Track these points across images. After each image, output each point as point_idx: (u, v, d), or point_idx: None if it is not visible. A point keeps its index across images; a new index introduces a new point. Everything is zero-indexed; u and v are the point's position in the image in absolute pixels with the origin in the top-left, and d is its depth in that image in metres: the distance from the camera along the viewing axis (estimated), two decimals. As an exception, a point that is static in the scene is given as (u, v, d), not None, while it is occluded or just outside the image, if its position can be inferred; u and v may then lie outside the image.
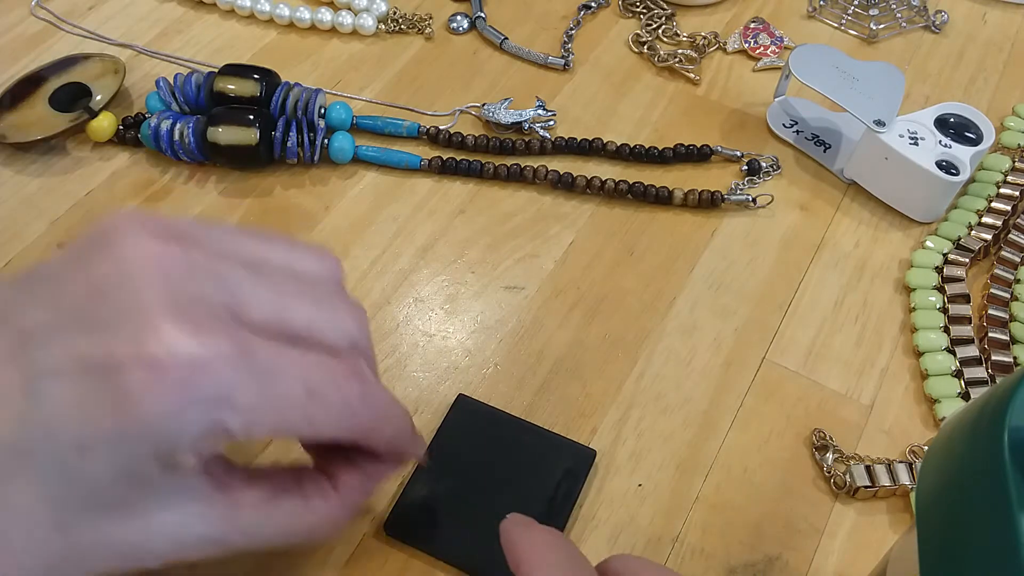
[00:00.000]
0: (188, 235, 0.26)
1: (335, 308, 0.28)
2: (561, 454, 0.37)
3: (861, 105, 0.45)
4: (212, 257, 0.25)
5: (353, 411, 0.27)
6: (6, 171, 0.46)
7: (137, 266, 0.24)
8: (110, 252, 0.24)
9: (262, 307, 0.25)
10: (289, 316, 0.26)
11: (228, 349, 0.24)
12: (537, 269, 0.44)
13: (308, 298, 0.27)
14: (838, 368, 0.41)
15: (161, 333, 0.23)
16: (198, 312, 0.24)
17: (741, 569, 0.35)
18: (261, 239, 0.28)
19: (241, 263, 0.26)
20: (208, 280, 0.25)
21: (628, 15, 0.56)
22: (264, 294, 0.26)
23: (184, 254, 0.25)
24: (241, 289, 0.25)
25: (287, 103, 0.46)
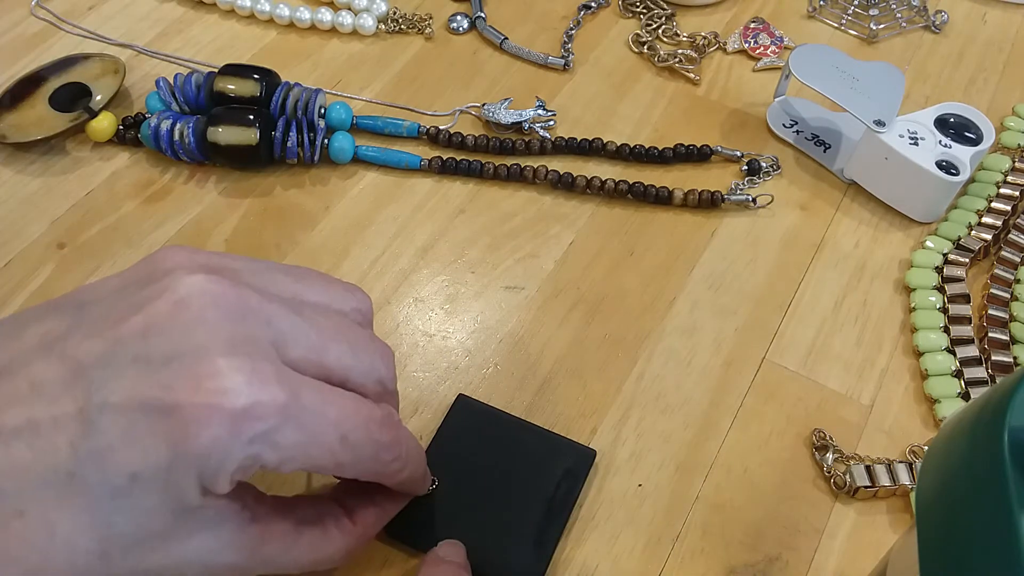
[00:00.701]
0: (236, 273, 0.27)
1: (367, 349, 0.29)
2: (561, 454, 0.37)
3: (861, 105, 0.45)
4: (261, 296, 0.26)
5: (379, 458, 0.28)
6: (6, 171, 0.46)
7: (195, 306, 0.25)
8: (166, 289, 0.25)
9: (303, 346, 0.27)
10: (327, 356, 0.27)
11: (278, 393, 0.25)
12: (537, 269, 0.44)
13: (343, 338, 0.28)
14: (838, 368, 0.41)
15: (219, 375, 0.24)
16: (251, 352, 0.25)
17: (741, 569, 0.35)
18: (299, 276, 0.29)
19: (285, 303, 0.27)
20: (258, 319, 0.26)
21: (628, 15, 0.56)
22: (305, 334, 0.27)
23: (237, 294, 0.26)
24: (286, 328, 0.26)
25: (287, 103, 0.46)
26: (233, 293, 0.26)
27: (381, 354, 0.30)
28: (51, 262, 0.43)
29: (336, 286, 0.30)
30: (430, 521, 0.35)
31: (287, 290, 0.28)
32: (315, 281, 0.30)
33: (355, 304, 0.30)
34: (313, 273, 0.30)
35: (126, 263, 0.43)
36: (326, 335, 0.27)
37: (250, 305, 0.26)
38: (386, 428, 0.28)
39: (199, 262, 0.27)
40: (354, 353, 0.28)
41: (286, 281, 0.29)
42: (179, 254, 0.27)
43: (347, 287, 0.31)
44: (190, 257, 0.27)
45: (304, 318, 0.27)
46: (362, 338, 0.29)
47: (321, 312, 0.28)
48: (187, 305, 0.25)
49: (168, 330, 0.24)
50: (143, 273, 0.27)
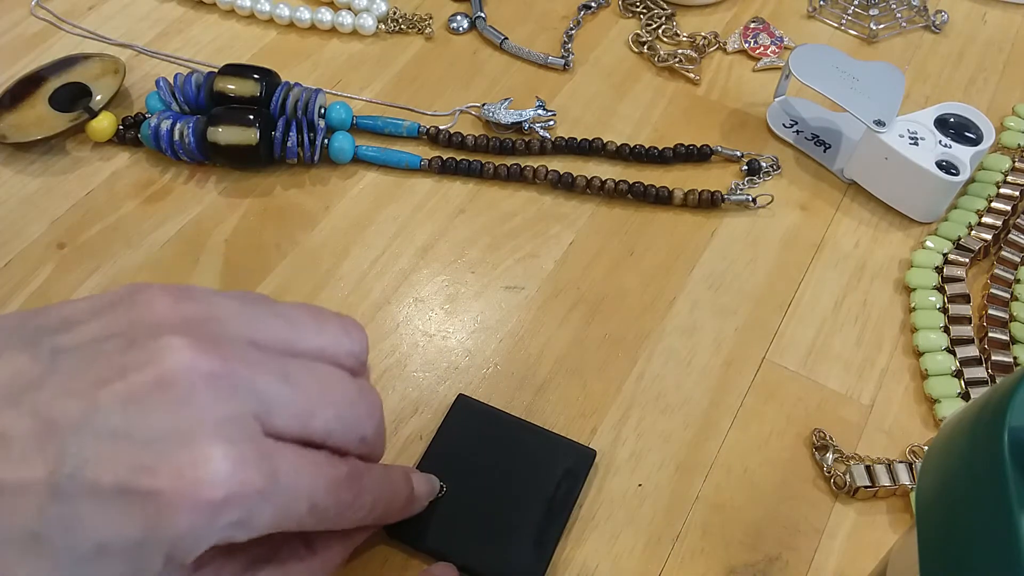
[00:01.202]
0: (224, 336, 0.26)
1: (354, 409, 0.28)
2: (561, 454, 0.37)
3: (861, 105, 0.45)
4: (249, 366, 0.25)
5: (341, 515, 0.28)
6: (6, 171, 0.46)
7: (181, 385, 0.24)
8: (151, 361, 0.24)
9: (288, 414, 0.26)
10: (311, 423, 0.27)
11: (258, 479, 0.24)
12: (537, 269, 0.44)
13: (331, 402, 0.28)
14: (838, 368, 0.41)
15: (202, 462, 0.23)
16: (235, 434, 0.24)
17: (741, 569, 0.35)
18: (292, 320, 0.28)
19: (274, 365, 0.26)
20: (245, 393, 0.25)
21: (628, 15, 0.56)
22: (292, 401, 0.26)
23: (225, 369, 0.25)
24: (272, 397, 0.26)
25: (287, 103, 0.46)
26: (221, 369, 0.25)
27: (369, 411, 0.29)
28: (51, 262, 0.43)
29: (331, 327, 0.29)
30: (430, 521, 0.35)
31: (279, 338, 0.27)
32: (309, 324, 0.29)
33: (349, 347, 0.29)
34: (306, 313, 0.29)
35: (126, 263, 0.43)
36: (313, 400, 0.27)
37: (237, 379, 0.25)
38: (351, 486, 0.28)
39: (185, 315, 0.26)
40: (340, 417, 0.28)
41: (278, 327, 0.28)
42: (163, 302, 0.26)
43: (343, 326, 0.30)
44: (175, 308, 0.26)
45: (292, 385, 0.26)
46: (350, 396, 0.28)
47: (311, 369, 0.27)
48: (173, 383, 0.24)
49: (151, 407, 0.23)
50: (124, 322, 0.25)
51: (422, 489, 0.34)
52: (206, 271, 0.43)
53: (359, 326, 0.30)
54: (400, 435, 0.38)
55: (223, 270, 0.43)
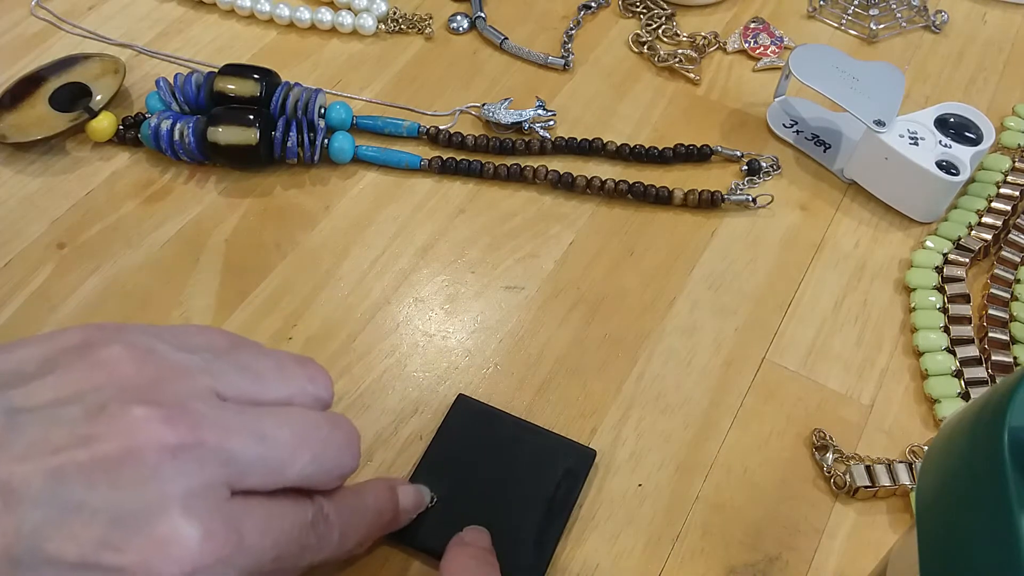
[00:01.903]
0: (191, 399, 0.25)
1: (330, 450, 0.28)
2: (561, 454, 0.37)
3: (861, 105, 0.45)
4: (218, 431, 0.25)
5: (303, 556, 0.28)
6: (6, 171, 0.46)
7: (149, 460, 0.23)
8: (117, 432, 0.23)
9: (260, 474, 0.26)
10: (287, 474, 0.27)
11: (225, 548, 0.24)
12: (537, 269, 0.44)
13: (307, 448, 0.27)
14: (838, 368, 0.41)
15: (170, 540, 0.23)
16: (204, 507, 0.24)
17: (741, 569, 0.35)
18: (257, 375, 0.28)
19: (244, 423, 0.26)
20: (215, 462, 0.24)
21: (628, 15, 0.56)
22: (264, 462, 0.26)
23: (194, 440, 0.24)
24: (243, 462, 0.25)
25: (287, 103, 0.46)
26: (189, 439, 0.24)
27: (344, 445, 0.29)
28: (51, 262, 0.43)
29: (295, 376, 0.29)
30: (430, 521, 0.35)
31: (246, 393, 0.27)
32: (273, 375, 0.28)
33: (315, 393, 0.29)
34: (271, 365, 0.29)
35: (126, 263, 0.43)
36: (287, 452, 0.26)
37: (206, 449, 0.24)
38: (315, 529, 0.28)
39: (150, 377, 0.25)
40: (317, 459, 0.27)
41: (243, 383, 0.27)
42: (126, 364, 0.25)
43: (307, 373, 0.29)
44: (139, 370, 0.25)
45: (264, 441, 0.26)
46: (323, 436, 0.28)
47: (282, 418, 0.27)
48: (139, 457, 0.23)
49: (117, 481, 0.23)
50: (86, 384, 0.24)
51: (408, 502, 0.33)
52: (206, 271, 0.43)
53: (323, 371, 0.30)
54: (400, 435, 0.38)
55: (223, 270, 0.43)
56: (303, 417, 0.28)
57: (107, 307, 0.41)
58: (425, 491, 0.35)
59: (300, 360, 0.30)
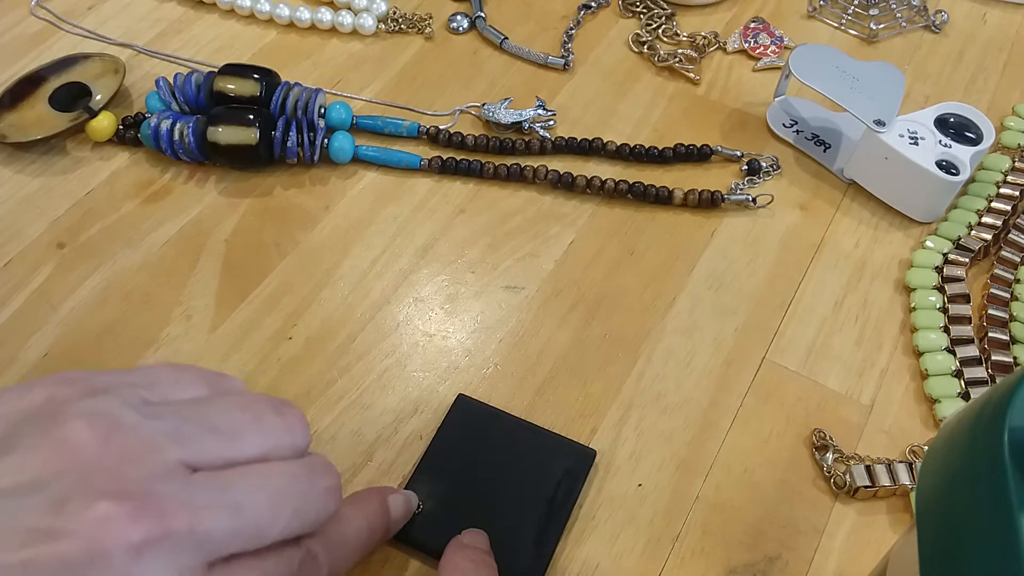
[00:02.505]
0: (159, 480, 0.24)
1: (312, 501, 0.27)
2: (561, 454, 0.37)
3: (861, 105, 0.45)
4: (190, 512, 0.24)
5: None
6: (6, 171, 0.46)
7: (115, 557, 0.22)
8: (82, 528, 0.22)
9: (240, 543, 0.25)
10: (267, 536, 0.26)
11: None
12: (537, 269, 0.44)
13: (288, 506, 0.26)
14: (838, 368, 0.41)
15: None
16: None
17: (741, 569, 0.35)
18: (231, 433, 0.27)
19: (218, 497, 0.25)
20: (189, 547, 0.24)
21: (628, 15, 0.56)
22: (243, 531, 0.25)
23: (164, 532, 0.23)
24: (219, 538, 0.24)
25: (287, 103, 0.46)
26: (159, 533, 0.23)
27: (329, 492, 0.28)
28: (51, 262, 0.43)
29: (273, 428, 0.28)
30: (430, 521, 0.35)
31: (219, 457, 0.26)
32: (249, 430, 0.27)
33: (291, 442, 0.28)
34: (244, 416, 0.27)
35: (126, 263, 0.43)
36: (266, 516, 0.26)
37: (177, 538, 0.23)
38: (302, 574, 0.27)
39: (115, 458, 0.24)
40: (298, 513, 0.27)
41: (215, 447, 0.26)
42: (90, 444, 0.24)
43: (284, 423, 0.28)
44: (103, 449, 0.24)
45: (241, 512, 0.25)
46: (302, 489, 0.27)
47: (257, 480, 0.26)
48: (106, 558, 0.22)
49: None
50: (49, 469, 0.23)
51: (399, 512, 0.33)
52: (206, 271, 0.43)
53: (300, 417, 0.29)
54: (400, 435, 0.38)
55: (223, 270, 0.43)
56: (281, 474, 0.27)
57: (107, 307, 0.41)
58: (413, 496, 0.35)
59: (278, 408, 0.29)
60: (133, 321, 0.41)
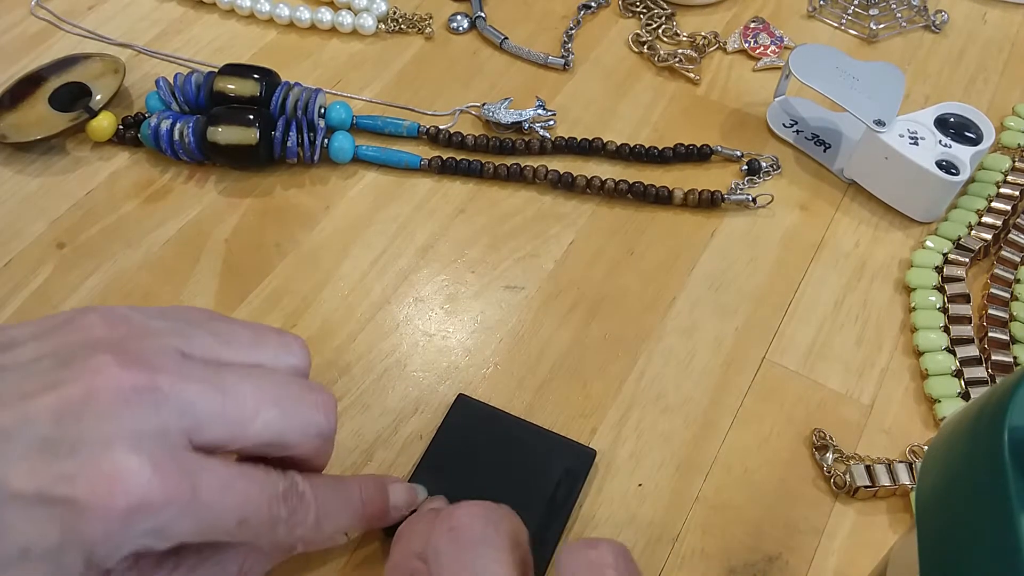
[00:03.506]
0: (153, 351, 0.27)
1: (302, 406, 0.29)
2: (561, 454, 0.37)
3: (861, 105, 0.45)
4: (178, 378, 0.26)
5: (276, 531, 0.28)
6: (6, 171, 0.46)
7: (105, 399, 0.25)
8: (81, 376, 0.25)
9: (219, 427, 0.27)
10: (249, 430, 0.27)
11: (175, 490, 0.25)
12: (537, 269, 0.44)
13: (273, 402, 0.28)
14: (838, 368, 0.41)
15: (117, 471, 0.24)
16: (155, 447, 0.25)
17: (741, 569, 0.35)
18: (228, 337, 0.29)
19: (204, 374, 0.27)
20: (170, 409, 0.26)
21: (628, 15, 0.56)
22: (223, 413, 0.27)
23: (150, 384, 0.26)
24: (201, 411, 0.26)
25: (287, 103, 0.46)
26: (145, 383, 0.26)
27: (321, 406, 0.29)
28: (51, 262, 0.43)
29: (268, 342, 0.30)
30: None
31: (212, 354, 0.28)
32: (244, 340, 0.29)
33: (289, 361, 0.30)
34: (244, 331, 0.30)
35: (126, 263, 0.43)
36: (250, 405, 0.27)
37: (162, 392, 0.26)
38: (287, 502, 0.28)
39: (118, 335, 0.27)
40: (286, 414, 0.28)
41: (212, 344, 0.28)
42: (98, 325, 0.27)
43: (281, 341, 0.30)
44: (109, 329, 0.27)
45: (225, 392, 0.27)
46: (294, 393, 0.29)
47: (247, 374, 0.28)
48: (98, 397, 0.25)
49: (77, 418, 0.25)
50: (61, 343, 0.26)
51: (400, 500, 0.33)
52: (206, 271, 0.43)
53: (301, 341, 0.31)
54: (400, 435, 0.38)
55: (223, 270, 0.43)
56: (271, 375, 0.29)
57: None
58: (421, 490, 0.35)
59: (279, 331, 0.31)
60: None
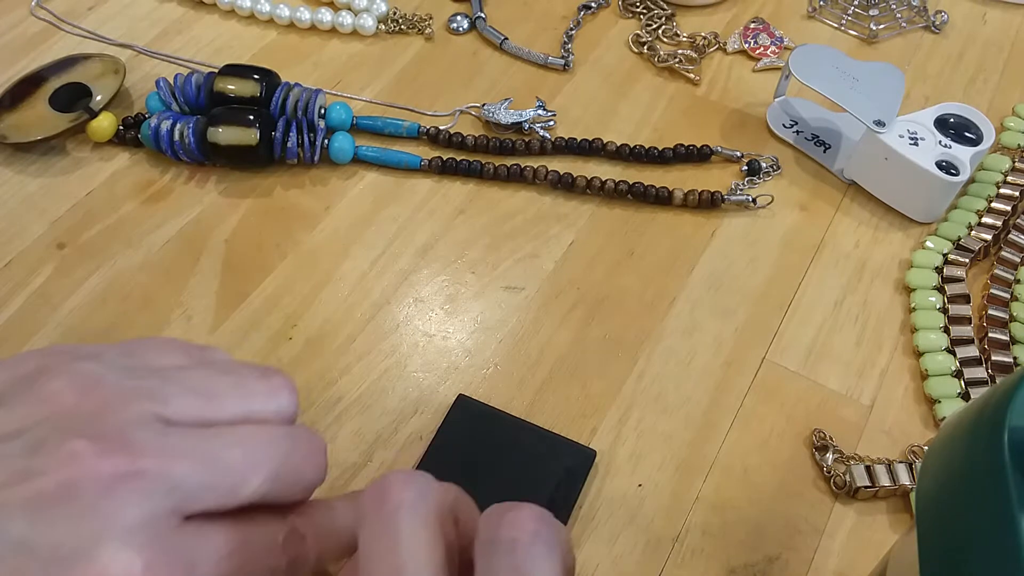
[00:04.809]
0: (133, 426, 0.24)
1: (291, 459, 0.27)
2: (561, 454, 0.37)
3: (861, 105, 0.45)
4: (161, 457, 0.24)
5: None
6: (6, 171, 0.46)
7: (87, 494, 0.23)
8: (56, 467, 0.23)
9: (213, 498, 0.25)
10: (242, 493, 0.26)
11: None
12: (537, 269, 0.44)
13: (264, 466, 0.26)
14: (838, 368, 0.41)
15: (110, 573, 0.22)
16: (146, 540, 0.23)
17: (741, 569, 0.35)
18: (210, 393, 0.27)
19: (190, 446, 0.25)
20: (158, 490, 0.24)
21: (628, 15, 0.56)
22: (215, 484, 0.25)
23: (133, 469, 0.24)
24: (192, 486, 0.25)
25: (287, 103, 0.46)
26: (128, 469, 0.23)
27: (307, 457, 0.28)
28: (51, 262, 0.43)
29: (254, 392, 0.28)
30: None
31: (195, 415, 0.26)
32: (229, 393, 0.27)
33: (276, 407, 0.28)
34: (225, 380, 0.28)
35: (126, 263, 0.43)
36: (239, 471, 0.26)
37: (147, 477, 0.24)
38: (286, 552, 0.27)
39: (91, 409, 0.24)
40: (276, 475, 0.26)
41: (193, 405, 0.26)
42: (68, 395, 0.24)
43: (267, 388, 0.28)
44: (81, 400, 0.24)
45: (212, 463, 0.25)
46: (283, 449, 0.27)
47: (232, 436, 0.26)
48: (77, 491, 0.23)
49: (55, 517, 0.22)
50: (29, 419, 0.24)
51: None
52: (206, 271, 0.43)
53: (286, 382, 0.29)
54: (400, 435, 0.38)
55: (223, 270, 0.43)
56: (257, 434, 0.27)
57: (107, 307, 0.41)
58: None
59: (263, 373, 0.29)
60: (133, 321, 0.41)
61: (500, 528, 0.24)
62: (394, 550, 0.24)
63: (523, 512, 0.25)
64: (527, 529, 0.24)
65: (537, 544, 0.24)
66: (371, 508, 0.25)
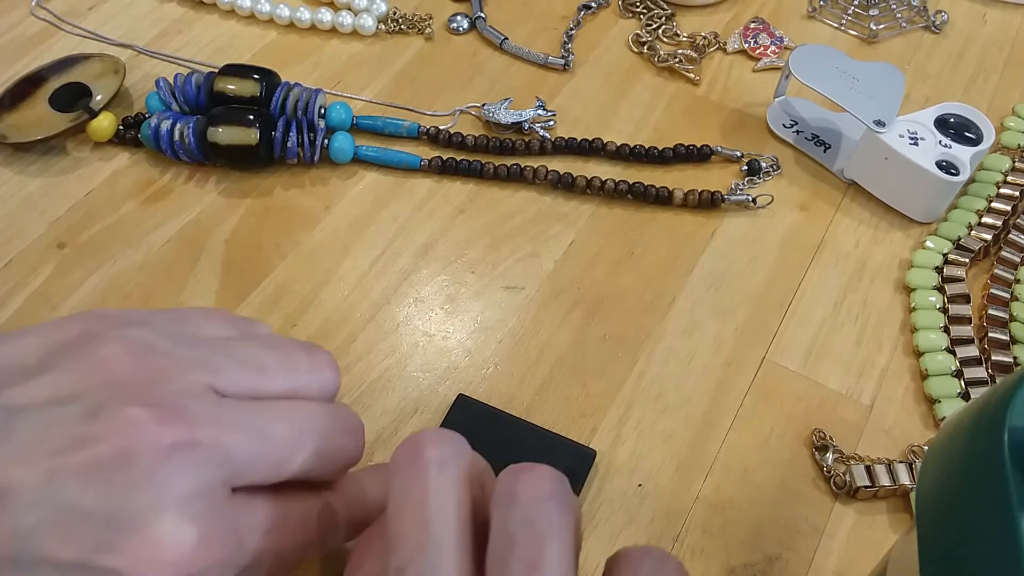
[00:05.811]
0: (188, 397, 0.25)
1: (334, 443, 0.28)
2: (561, 454, 0.37)
3: (861, 105, 0.45)
4: (215, 428, 0.24)
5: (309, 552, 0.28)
6: (6, 171, 0.46)
7: (143, 461, 0.23)
8: (112, 433, 0.23)
9: (261, 471, 0.26)
10: (287, 469, 0.26)
11: (223, 553, 0.24)
12: (537, 269, 0.44)
13: (309, 443, 0.27)
14: (838, 368, 0.41)
15: (164, 542, 0.23)
16: (200, 510, 0.23)
17: (741, 569, 0.35)
18: (259, 367, 0.27)
19: (242, 419, 0.25)
20: (211, 461, 0.24)
21: (628, 15, 0.56)
22: (264, 458, 0.25)
23: (190, 439, 0.24)
24: (242, 460, 0.25)
25: (287, 103, 0.46)
26: (185, 439, 0.24)
27: (348, 437, 0.29)
28: (51, 262, 0.43)
29: (300, 368, 0.28)
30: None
31: (245, 388, 0.26)
32: (276, 368, 0.28)
33: (320, 384, 0.29)
34: (275, 355, 0.28)
35: (126, 263, 0.43)
36: (287, 448, 0.26)
37: (202, 447, 0.24)
38: (320, 525, 0.28)
39: (147, 376, 0.24)
40: (319, 452, 0.27)
41: (244, 377, 0.27)
42: (123, 361, 0.24)
43: (312, 364, 0.29)
44: (136, 367, 0.24)
45: (263, 437, 0.25)
46: (326, 429, 0.27)
47: (282, 412, 0.27)
48: (134, 459, 0.23)
49: (112, 483, 0.23)
50: (83, 384, 0.24)
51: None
52: (206, 271, 0.43)
53: (330, 360, 0.29)
54: (400, 435, 0.38)
55: (223, 270, 0.43)
56: (304, 411, 0.27)
57: (107, 307, 0.41)
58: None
59: (308, 349, 0.29)
60: (133, 321, 0.41)
61: (517, 486, 0.24)
62: (422, 504, 0.24)
63: (539, 472, 0.25)
64: (543, 487, 0.24)
65: (552, 501, 0.24)
66: (404, 462, 0.25)
